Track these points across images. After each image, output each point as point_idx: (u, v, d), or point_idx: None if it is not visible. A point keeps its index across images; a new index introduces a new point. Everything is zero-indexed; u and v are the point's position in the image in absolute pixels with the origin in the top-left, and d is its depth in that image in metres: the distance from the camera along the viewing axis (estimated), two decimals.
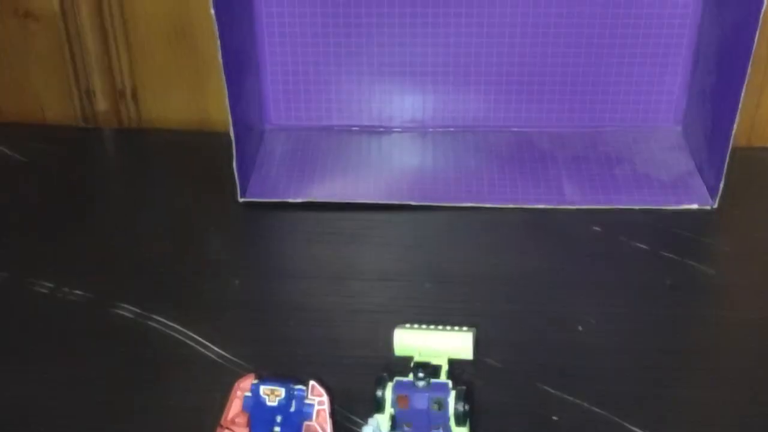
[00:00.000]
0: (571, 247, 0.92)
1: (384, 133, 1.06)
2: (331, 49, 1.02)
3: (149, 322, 0.83)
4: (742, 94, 0.89)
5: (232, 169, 0.94)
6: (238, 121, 0.94)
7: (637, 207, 0.96)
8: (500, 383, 0.76)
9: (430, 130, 1.06)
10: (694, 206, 0.96)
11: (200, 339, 0.81)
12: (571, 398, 0.75)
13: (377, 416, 0.64)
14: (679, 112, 1.04)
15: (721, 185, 0.94)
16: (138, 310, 0.84)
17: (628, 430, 0.72)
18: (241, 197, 0.97)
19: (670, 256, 0.90)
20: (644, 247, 0.91)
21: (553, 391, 0.75)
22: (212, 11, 0.85)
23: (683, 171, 1.00)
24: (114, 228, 0.96)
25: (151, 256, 0.92)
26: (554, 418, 0.73)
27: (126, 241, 0.94)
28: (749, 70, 0.88)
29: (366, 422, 0.64)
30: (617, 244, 0.91)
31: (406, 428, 0.63)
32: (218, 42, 0.87)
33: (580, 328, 0.82)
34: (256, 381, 0.66)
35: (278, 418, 0.66)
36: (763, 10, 0.85)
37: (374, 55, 1.03)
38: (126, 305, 0.85)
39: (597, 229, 0.93)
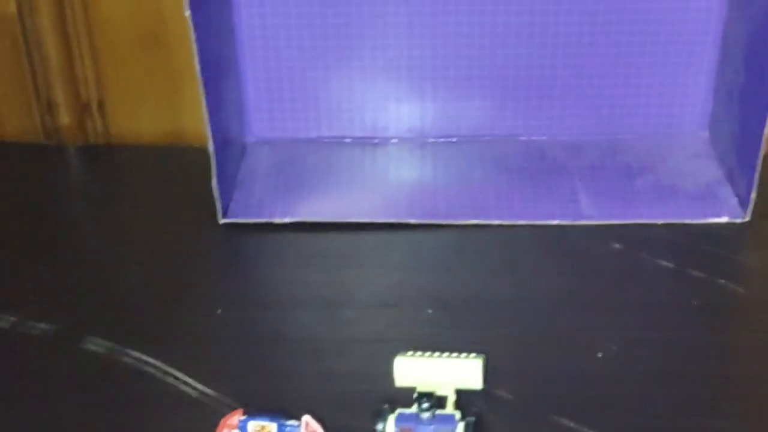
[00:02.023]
0: (588, 267, 0.93)
1: (379, 145, 1.07)
2: (318, 53, 1.03)
3: (123, 358, 0.84)
4: None
5: (211, 188, 0.96)
6: (217, 134, 0.95)
7: (660, 221, 0.97)
8: (512, 416, 0.77)
9: (430, 140, 1.08)
10: (724, 219, 0.97)
11: (180, 375, 0.82)
12: (589, 431, 0.76)
13: None
14: (704, 116, 1.06)
15: (753, 195, 0.95)
16: (110, 345, 0.85)
17: None
18: (222, 218, 0.98)
19: (698, 274, 0.91)
20: (669, 265, 0.92)
21: (570, 424, 0.77)
22: (187, 13, 0.86)
23: (711, 180, 1.01)
24: (81, 255, 0.97)
25: (124, 285, 0.93)
26: None
27: (95, 269, 0.95)
28: None
29: None
30: (639, 262, 0.93)
31: None
32: (194, 47, 0.88)
33: (599, 354, 0.83)
34: (244, 417, 0.68)
35: None
36: None
37: (366, 58, 1.04)
38: (96, 339, 0.86)
39: (617, 246, 0.95)
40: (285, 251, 0.96)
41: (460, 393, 0.68)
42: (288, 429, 0.68)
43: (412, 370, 0.69)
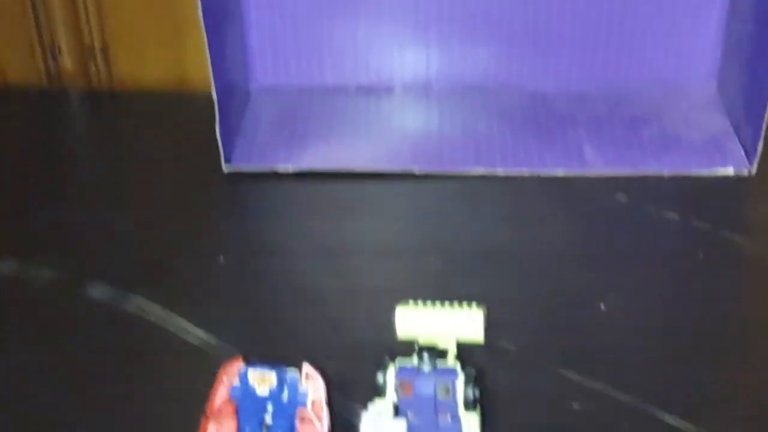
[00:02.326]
0: (592, 218, 0.93)
1: (384, 93, 1.07)
2: None
3: (125, 305, 0.84)
4: None
5: (215, 135, 0.95)
6: (221, 81, 0.94)
7: (666, 173, 0.97)
8: (514, 368, 0.77)
9: (435, 89, 1.07)
10: (730, 171, 0.97)
11: (182, 322, 0.82)
12: (592, 384, 0.76)
13: (378, 403, 0.65)
14: (712, 67, 1.05)
15: (760, 147, 0.95)
16: (112, 291, 0.86)
17: (658, 418, 0.73)
18: (225, 166, 0.98)
19: (703, 226, 0.91)
20: (674, 216, 0.92)
21: (572, 376, 0.77)
22: None
23: (718, 132, 1.01)
24: (83, 201, 0.97)
25: (126, 231, 0.92)
26: (574, 405, 0.74)
27: (97, 216, 0.95)
28: None
29: (366, 410, 0.65)
30: (644, 213, 0.93)
31: (409, 416, 0.65)
32: None
33: (602, 306, 0.83)
34: (243, 366, 0.67)
35: (269, 407, 0.67)
36: None
37: (372, 4, 1.03)
38: (99, 286, 0.86)
39: (622, 197, 0.95)
40: (288, 200, 0.96)
41: (461, 345, 0.68)
42: (288, 378, 0.67)
43: (414, 321, 0.68)
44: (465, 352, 0.69)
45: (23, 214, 0.95)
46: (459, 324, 0.68)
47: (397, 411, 0.65)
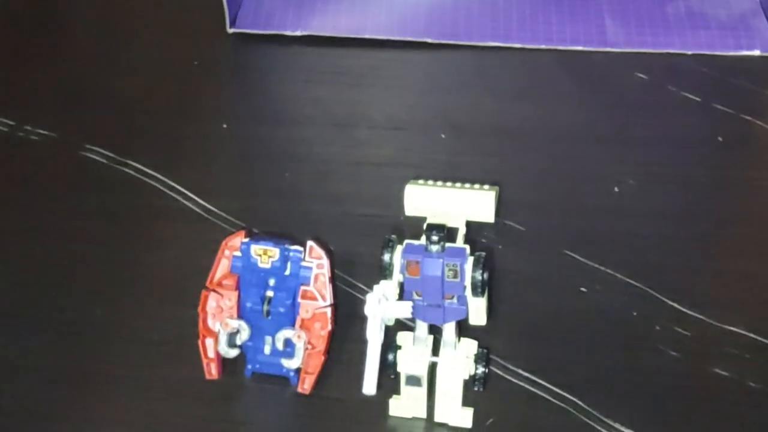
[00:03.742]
0: (611, 96, 0.91)
1: None
2: None
3: (124, 169, 0.83)
4: None
5: None
6: None
7: (689, 51, 0.95)
8: (524, 249, 0.76)
9: None
10: (756, 52, 0.95)
11: (183, 189, 0.81)
12: (602, 268, 0.75)
13: (383, 283, 0.64)
14: None
15: None
16: (111, 154, 0.84)
17: (666, 305, 0.72)
18: (230, 27, 0.96)
19: (725, 109, 0.89)
20: (695, 98, 0.90)
21: (582, 259, 0.76)
22: None
23: (746, 10, 0.98)
24: (84, 59, 0.95)
25: (126, 93, 0.91)
26: (582, 289, 0.73)
27: (97, 74, 0.93)
28: None
29: (371, 290, 0.64)
30: (664, 94, 0.91)
31: (416, 297, 0.64)
32: None
33: (616, 189, 0.82)
34: (246, 239, 0.66)
35: (271, 282, 0.66)
36: None
37: None
38: (97, 148, 0.85)
39: (642, 76, 0.93)
40: (295, 66, 0.94)
41: (470, 225, 0.67)
42: (291, 254, 0.66)
43: (423, 198, 0.67)
44: (473, 229, 0.68)
45: (20, 71, 0.93)
46: (470, 204, 0.67)
47: (403, 292, 0.64)
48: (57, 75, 0.93)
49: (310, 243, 0.66)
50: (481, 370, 0.64)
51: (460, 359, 0.64)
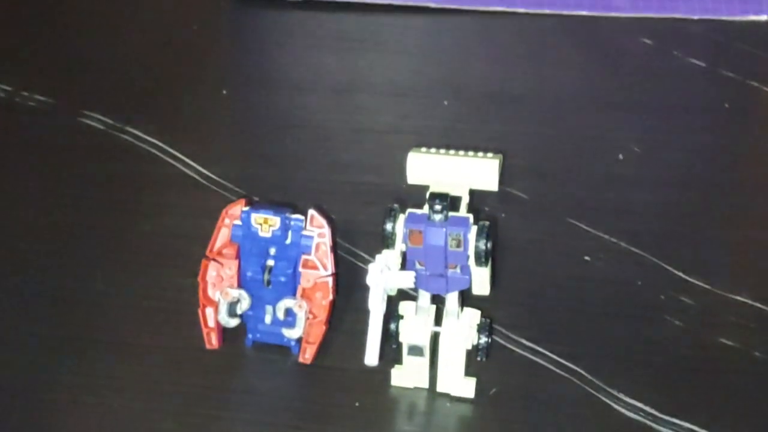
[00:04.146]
0: (615, 62, 0.91)
1: None
2: None
3: (122, 135, 0.82)
4: None
5: None
6: None
7: (695, 17, 0.94)
8: (527, 217, 0.76)
9: None
10: (763, 17, 0.94)
11: (181, 156, 0.81)
12: (606, 236, 0.75)
13: (386, 253, 0.64)
14: None
15: None
16: (109, 121, 0.84)
17: (670, 273, 0.72)
18: None
19: (731, 75, 0.89)
20: (701, 64, 0.90)
21: (586, 227, 0.75)
22: None
23: None
24: (81, 24, 0.95)
25: (125, 59, 0.90)
26: (586, 258, 0.73)
27: (95, 39, 0.93)
28: None
29: (373, 259, 0.64)
30: (670, 59, 0.90)
31: (418, 267, 0.63)
32: None
33: (620, 156, 0.81)
34: (246, 208, 0.66)
35: (272, 251, 0.66)
36: None
37: None
38: (95, 114, 0.84)
39: (647, 41, 0.92)
40: (296, 31, 0.93)
41: (474, 193, 0.66)
42: (292, 223, 0.66)
43: (426, 166, 0.66)
44: (477, 198, 0.68)
45: (17, 35, 0.93)
46: (473, 172, 0.66)
47: (405, 261, 0.64)
48: (54, 40, 0.92)
49: (311, 211, 0.66)
50: (484, 339, 0.63)
51: (462, 329, 0.63)
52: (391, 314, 0.63)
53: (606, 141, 0.82)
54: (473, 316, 0.64)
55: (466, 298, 0.64)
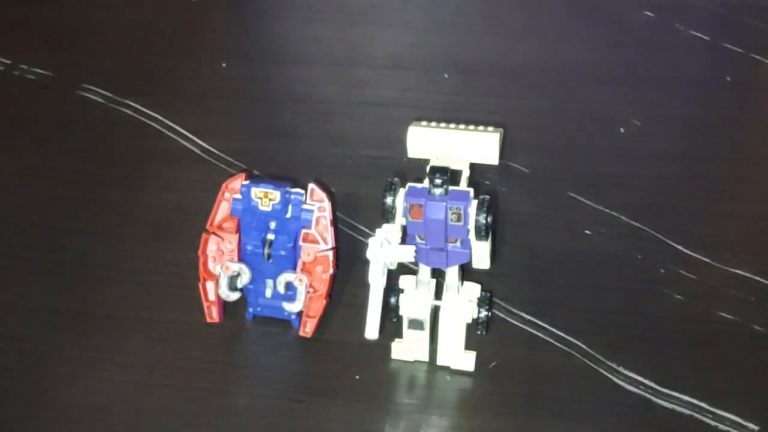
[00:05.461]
0: (616, 35, 0.91)
1: None
2: None
3: (122, 109, 0.83)
4: None
5: None
6: None
7: None
8: (528, 191, 0.76)
9: None
10: None
11: (182, 130, 0.81)
12: (607, 210, 0.75)
13: (386, 226, 0.64)
14: None
15: None
16: (108, 94, 0.84)
17: (671, 247, 0.72)
18: None
19: (734, 48, 0.89)
20: (704, 37, 0.90)
21: (586, 201, 0.76)
22: None
23: None
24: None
25: (123, 32, 0.91)
26: (587, 231, 0.73)
27: (94, 13, 0.93)
28: None
29: (373, 233, 0.64)
30: (672, 32, 0.90)
31: (419, 241, 0.64)
32: None
33: (622, 130, 0.81)
34: (246, 182, 0.66)
35: (272, 225, 0.66)
36: None
37: None
38: (94, 87, 0.84)
39: (649, 14, 0.92)
40: (294, 3, 0.94)
41: (474, 167, 0.66)
42: (292, 197, 0.66)
43: (426, 140, 0.66)
44: (477, 172, 0.68)
45: (15, 8, 0.93)
46: (474, 145, 0.66)
47: (406, 235, 0.64)
48: (53, 13, 0.92)
49: (311, 185, 0.66)
50: (484, 313, 0.64)
51: (463, 303, 0.64)
52: (392, 288, 0.64)
53: (607, 114, 0.83)
54: (473, 289, 0.65)
55: (467, 272, 0.65)
